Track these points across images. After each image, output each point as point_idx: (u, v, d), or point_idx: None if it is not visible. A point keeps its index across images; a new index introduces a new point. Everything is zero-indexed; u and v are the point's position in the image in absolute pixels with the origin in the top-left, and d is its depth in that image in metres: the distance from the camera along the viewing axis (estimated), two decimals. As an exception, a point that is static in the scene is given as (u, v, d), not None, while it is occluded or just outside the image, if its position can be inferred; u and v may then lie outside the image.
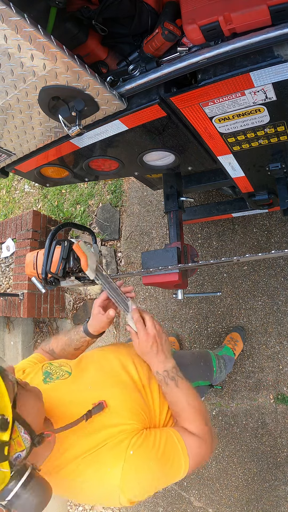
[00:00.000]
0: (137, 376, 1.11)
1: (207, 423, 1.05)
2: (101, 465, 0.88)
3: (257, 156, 1.29)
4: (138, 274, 1.58)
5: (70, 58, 0.87)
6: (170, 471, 0.93)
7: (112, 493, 0.87)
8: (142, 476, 0.89)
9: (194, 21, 0.88)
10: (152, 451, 0.91)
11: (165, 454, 0.92)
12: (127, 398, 1.03)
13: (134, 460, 0.88)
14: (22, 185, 4.12)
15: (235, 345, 2.23)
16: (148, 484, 0.90)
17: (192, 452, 0.96)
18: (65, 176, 1.59)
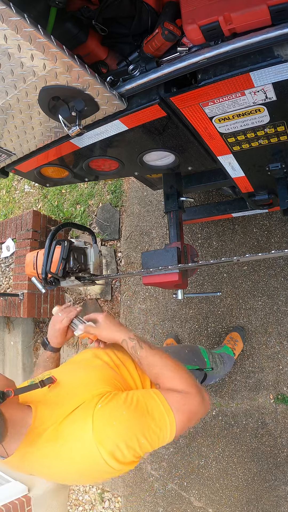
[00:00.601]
0: (108, 358, 1.13)
1: (190, 377, 1.03)
2: (74, 425, 0.88)
3: (257, 156, 1.29)
4: (138, 274, 1.58)
5: (70, 58, 0.87)
6: (152, 423, 0.89)
7: (90, 450, 0.85)
8: (114, 423, 0.87)
9: (194, 21, 0.88)
10: (123, 403, 0.90)
11: (139, 406, 0.91)
12: (98, 372, 1.05)
13: (104, 411, 0.88)
14: (22, 185, 4.12)
15: (235, 345, 2.23)
16: (124, 431, 0.87)
17: (176, 406, 0.93)
18: (65, 176, 1.59)
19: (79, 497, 3.09)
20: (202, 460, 2.42)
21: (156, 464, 2.62)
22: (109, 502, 2.92)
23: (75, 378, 1.05)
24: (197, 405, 0.97)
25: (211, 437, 2.38)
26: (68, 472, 0.94)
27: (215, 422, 2.38)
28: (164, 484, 2.58)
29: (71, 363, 1.21)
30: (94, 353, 1.18)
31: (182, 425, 0.93)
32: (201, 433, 2.43)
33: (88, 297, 3.18)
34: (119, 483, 2.84)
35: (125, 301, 2.92)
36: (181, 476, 2.50)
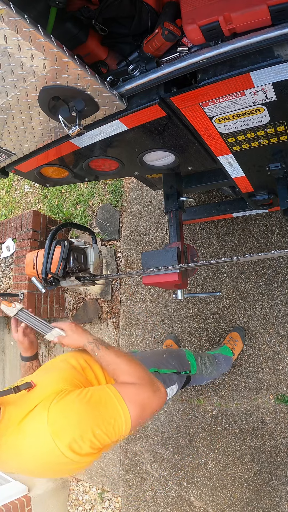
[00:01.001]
0: (75, 361, 1.20)
1: (143, 371, 1.10)
2: (33, 421, 0.95)
3: (257, 156, 1.29)
4: (138, 274, 1.58)
5: (70, 58, 0.87)
6: (106, 414, 0.94)
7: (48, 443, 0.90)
8: (68, 416, 0.92)
9: (194, 21, 0.88)
10: (77, 397, 0.96)
11: (92, 399, 0.96)
12: (61, 373, 1.12)
13: (58, 405, 0.94)
14: (22, 185, 4.12)
15: (235, 345, 2.24)
16: (78, 422, 0.92)
17: (129, 397, 0.99)
18: (65, 176, 1.59)
19: (79, 497, 3.10)
20: (202, 460, 2.42)
21: (156, 464, 2.62)
22: (109, 502, 2.92)
23: (41, 379, 1.12)
24: (149, 396, 1.02)
25: (211, 437, 2.38)
26: (32, 466, 0.99)
27: (215, 422, 2.38)
28: (164, 484, 2.58)
29: (43, 367, 1.30)
30: (63, 357, 1.26)
31: (136, 415, 0.98)
32: (201, 433, 2.43)
33: (88, 297, 3.18)
34: (119, 483, 2.84)
35: (125, 301, 2.92)
36: (181, 476, 2.50)
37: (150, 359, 1.54)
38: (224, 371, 2.09)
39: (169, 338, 2.58)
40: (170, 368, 1.58)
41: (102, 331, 3.07)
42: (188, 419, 2.49)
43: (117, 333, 2.96)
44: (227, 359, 2.10)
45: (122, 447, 2.81)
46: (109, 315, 3.04)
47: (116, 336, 2.97)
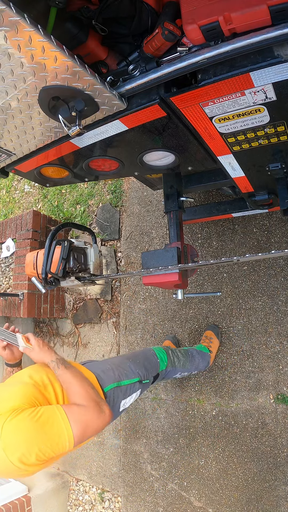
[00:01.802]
0: (39, 378, 1.32)
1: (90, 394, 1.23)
2: None
3: (257, 156, 1.29)
4: (138, 274, 1.58)
5: (70, 58, 0.87)
6: (51, 432, 1.08)
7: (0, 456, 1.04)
8: (18, 433, 1.05)
9: (194, 21, 0.88)
10: (28, 416, 1.08)
11: (41, 418, 1.09)
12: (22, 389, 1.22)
13: (11, 423, 1.06)
14: (22, 185, 4.12)
15: (210, 342, 2.32)
16: (26, 439, 1.06)
17: (74, 419, 1.12)
18: (65, 176, 1.59)
19: (79, 497, 3.09)
20: (202, 460, 2.42)
21: (156, 464, 2.63)
22: (109, 502, 2.92)
23: (4, 392, 1.23)
24: (92, 418, 1.17)
25: (211, 437, 2.38)
26: None
27: (215, 422, 2.38)
28: (164, 484, 2.58)
29: (11, 378, 1.40)
30: (29, 372, 1.36)
31: (79, 434, 1.13)
32: (201, 433, 2.43)
33: (88, 297, 3.18)
34: (119, 483, 2.84)
35: (125, 301, 2.92)
36: (181, 476, 2.50)
37: (114, 371, 1.58)
38: (201, 367, 2.15)
39: (167, 339, 2.58)
40: (132, 378, 1.65)
41: (102, 331, 3.07)
42: (188, 419, 2.49)
43: (117, 333, 2.96)
44: (203, 354, 2.17)
45: (122, 447, 2.81)
46: (109, 315, 3.04)
47: (116, 336, 2.97)
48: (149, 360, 1.80)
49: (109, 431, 2.93)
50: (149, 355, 1.83)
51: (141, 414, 2.72)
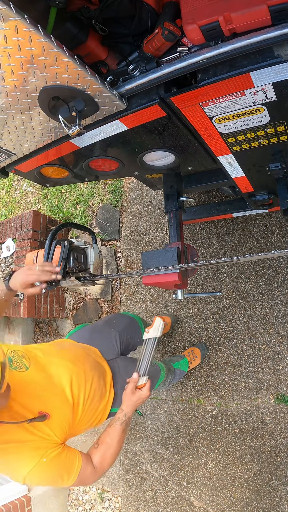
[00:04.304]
0: (77, 394, 1.36)
1: (109, 466, 1.34)
2: (18, 458, 1.14)
3: (257, 156, 1.29)
4: (138, 274, 1.58)
5: (70, 58, 0.87)
6: (61, 481, 1.22)
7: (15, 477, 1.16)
8: (43, 478, 1.19)
9: (194, 21, 0.88)
10: (58, 465, 1.19)
11: (65, 470, 1.21)
12: (61, 416, 1.27)
13: (44, 466, 1.15)
14: (22, 185, 4.12)
15: (193, 359, 2.35)
16: (44, 483, 1.25)
17: (82, 475, 1.24)
18: (65, 176, 1.59)
19: (79, 497, 3.09)
20: (202, 460, 2.42)
21: (156, 464, 2.62)
22: (109, 502, 2.92)
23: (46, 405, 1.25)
24: (92, 480, 1.30)
25: (211, 437, 2.38)
26: None
27: (215, 422, 2.38)
28: (164, 484, 2.57)
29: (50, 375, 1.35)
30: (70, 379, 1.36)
31: (75, 485, 1.26)
32: (201, 433, 2.43)
33: (88, 297, 3.18)
34: (119, 483, 2.84)
35: (125, 301, 2.92)
36: (181, 476, 2.50)
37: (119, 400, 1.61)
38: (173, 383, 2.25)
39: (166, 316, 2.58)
40: None
41: (102, 331, 3.07)
42: (188, 419, 2.49)
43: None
44: (181, 374, 2.24)
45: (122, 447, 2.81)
46: (109, 315, 3.04)
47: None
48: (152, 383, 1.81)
49: (109, 431, 2.93)
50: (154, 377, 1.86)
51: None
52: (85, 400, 1.39)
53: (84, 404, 1.38)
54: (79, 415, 1.35)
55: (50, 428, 1.22)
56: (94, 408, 1.45)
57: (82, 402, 1.37)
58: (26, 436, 1.16)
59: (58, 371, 1.37)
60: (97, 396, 1.45)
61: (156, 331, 1.48)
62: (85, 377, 1.42)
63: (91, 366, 1.51)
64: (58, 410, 1.28)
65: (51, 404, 1.26)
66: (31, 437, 1.17)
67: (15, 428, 1.15)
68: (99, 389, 1.48)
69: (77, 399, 1.35)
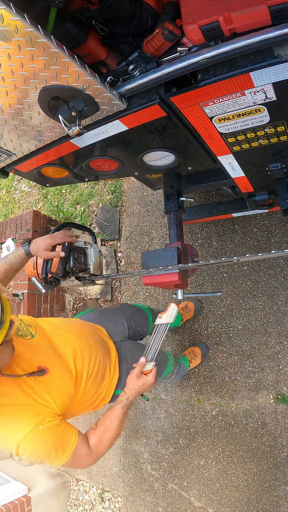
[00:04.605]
0: (81, 367, 1.35)
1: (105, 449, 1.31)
2: (15, 422, 1.12)
3: (257, 156, 1.29)
4: (138, 274, 1.58)
5: (70, 58, 0.87)
6: (55, 456, 1.18)
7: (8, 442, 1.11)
8: (36, 447, 1.14)
9: (194, 21, 0.88)
10: (54, 436, 1.16)
11: (60, 444, 1.17)
12: (62, 383, 1.26)
13: (39, 433, 1.12)
14: (22, 185, 4.12)
15: (193, 359, 2.35)
16: (37, 454, 1.16)
17: (76, 455, 1.21)
18: (65, 176, 1.59)
19: (79, 497, 3.09)
20: (202, 460, 2.42)
21: (156, 464, 2.62)
22: (109, 502, 2.92)
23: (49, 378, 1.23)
24: (86, 463, 1.27)
25: (211, 437, 2.38)
26: None
27: (215, 422, 2.38)
28: (164, 484, 2.57)
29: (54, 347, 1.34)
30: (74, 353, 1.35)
31: (65, 466, 1.24)
32: (201, 433, 2.43)
33: (88, 297, 3.18)
34: (119, 483, 2.84)
35: (125, 301, 2.92)
36: (181, 476, 2.50)
37: None
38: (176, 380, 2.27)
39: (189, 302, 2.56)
40: None
41: (102, 331, 3.07)
42: (188, 419, 2.49)
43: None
44: (183, 371, 2.23)
45: (122, 447, 2.81)
46: (109, 315, 3.04)
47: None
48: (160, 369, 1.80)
49: (109, 431, 2.93)
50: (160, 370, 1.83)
51: (141, 414, 2.72)
52: (89, 375, 1.37)
53: (88, 379, 1.36)
54: (81, 389, 1.33)
55: (49, 393, 1.20)
56: (97, 386, 1.43)
57: (85, 376, 1.35)
58: (25, 400, 1.15)
59: (63, 343, 1.37)
60: (100, 373, 1.43)
61: (169, 317, 1.46)
62: (89, 352, 1.41)
63: (96, 342, 1.50)
64: (60, 377, 1.26)
65: (54, 371, 1.25)
66: (30, 401, 1.15)
67: (15, 390, 1.14)
68: (103, 366, 1.46)
69: (80, 373, 1.34)
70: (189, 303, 2.51)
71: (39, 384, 1.19)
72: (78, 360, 1.36)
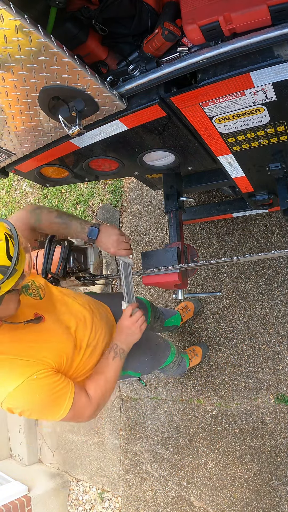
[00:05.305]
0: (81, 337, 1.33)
1: (104, 398, 1.28)
2: (8, 371, 1.09)
3: (257, 156, 1.29)
4: (138, 274, 1.58)
5: (70, 58, 0.87)
6: (51, 408, 1.15)
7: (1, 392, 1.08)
8: (29, 396, 1.10)
9: (194, 21, 0.88)
10: (48, 386, 1.12)
11: (55, 394, 1.13)
12: (60, 337, 1.24)
13: (32, 383, 1.08)
14: (22, 185, 4.12)
15: (194, 357, 2.34)
16: (29, 406, 1.12)
17: (76, 405, 1.18)
18: (65, 176, 1.59)
19: (79, 497, 3.10)
20: (202, 460, 2.42)
21: (156, 464, 2.63)
22: (109, 502, 2.92)
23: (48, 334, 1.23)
24: (88, 415, 1.23)
25: (211, 437, 2.38)
26: None
27: (215, 422, 2.38)
28: (164, 484, 2.58)
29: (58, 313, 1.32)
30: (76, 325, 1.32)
31: (67, 419, 1.19)
32: (201, 433, 2.43)
33: (88, 297, 3.18)
34: (119, 483, 2.84)
35: (125, 301, 2.91)
36: (181, 476, 2.50)
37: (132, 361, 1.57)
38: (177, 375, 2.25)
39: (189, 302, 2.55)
40: (137, 372, 1.68)
41: (102, 331, 3.07)
42: (188, 419, 2.49)
43: (117, 333, 2.96)
44: (183, 368, 2.22)
45: (122, 447, 2.81)
46: (109, 315, 3.04)
47: (116, 336, 2.97)
48: (158, 360, 1.79)
49: (109, 431, 2.93)
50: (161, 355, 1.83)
51: (141, 414, 2.72)
52: (87, 346, 1.35)
53: (86, 350, 1.34)
54: (79, 358, 1.31)
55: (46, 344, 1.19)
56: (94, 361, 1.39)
57: (84, 346, 1.33)
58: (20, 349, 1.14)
59: (67, 310, 1.36)
60: (98, 348, 1.40)
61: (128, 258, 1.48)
62: (91, 325, 1.39)
63: (101, 319, 1.48)
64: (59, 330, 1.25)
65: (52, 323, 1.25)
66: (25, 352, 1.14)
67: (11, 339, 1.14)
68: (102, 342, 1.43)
69: (80, 341, 1.32)
70: (189, 303, 2.51)
71: (36, 334, 1.19)
72: (79, 328, 1.33)
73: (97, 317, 1.45)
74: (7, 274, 0.98)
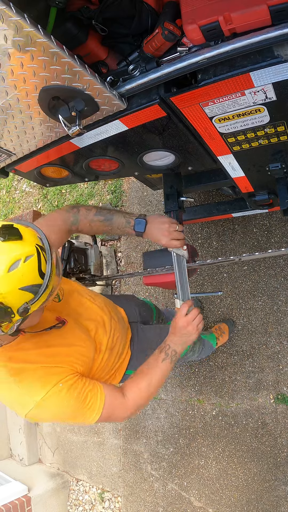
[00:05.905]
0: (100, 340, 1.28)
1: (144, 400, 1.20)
2: (34, 380, 1.04)
3: (257, 156, 1.29)
4: (139, 274, 1.58)
5: (70, 58, 0.87)
6: (81, 413, 1.09)
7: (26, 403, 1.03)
8: (57, 405, 1.05)
9: (194, 21, 0.87)
10: (76, 392, 1.07)
11: (85, 399, 1.08)
12: (85, 343, 1.20)
13: (59, 391, 1.04)
14: (22, 185, 4.12)
15: (221, 336, 2.24)
16: (58, 414, 1.09)
17: (109, 407, 1.12)
18: (65, 176, 1.59)
19: (79, 497, 3.10)
20: (202, 460, 2.42)
21: (156, 464, 2.63)
22: (109, 502, 2.92)
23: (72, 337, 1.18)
24: (121, 416, 1.17)
25: (211, 437, 2.38)
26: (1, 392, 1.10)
27: (215, 422, 2.38)
28: (164, 484, 2.58)
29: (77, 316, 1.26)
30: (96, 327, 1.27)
31: (101, 420, 1.13)
32: (201, 433, 2.43)
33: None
34: (119, 483, 2.84)
35: (125, 301, 2.92)
36: (181, 476, 2.50)
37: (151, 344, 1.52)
38: (202, 357, 2.13)
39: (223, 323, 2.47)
40: None
41: (102, 331, 3.07)
42: (188, 419, 2.49)
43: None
44: (211, 348, 2.11)
45: (122, 447, 2.81)
46: (109, 315, 3.04)
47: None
48: None
49: (109, 431, 2.93)
50: None
51: (141, 414, 2.72)
52: (107, 349, 1.31)
53: (105, 352, 1.30)
54: (98, 360, 1.27)
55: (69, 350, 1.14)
56: (111, 364, 1.36)
57: (103, 349, 1.29)
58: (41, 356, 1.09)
59: (86, 312, 1.31)
60: (115, 351, 1.36)
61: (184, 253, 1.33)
62: (110, 328, 1.34)
63: (119, 321, 1.44)
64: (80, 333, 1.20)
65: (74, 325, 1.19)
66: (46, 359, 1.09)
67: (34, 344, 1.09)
68: (120, 344, 1.39)
69: (99, 344, 1.27)
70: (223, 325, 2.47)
71: (60, 338, 1.13)
72: (99, 332, 1.29)
73: (114, 319, 1.41)
74: (39, 294, 0.88)
